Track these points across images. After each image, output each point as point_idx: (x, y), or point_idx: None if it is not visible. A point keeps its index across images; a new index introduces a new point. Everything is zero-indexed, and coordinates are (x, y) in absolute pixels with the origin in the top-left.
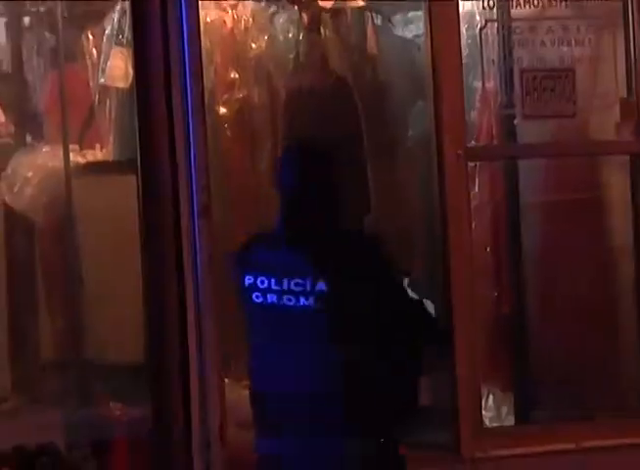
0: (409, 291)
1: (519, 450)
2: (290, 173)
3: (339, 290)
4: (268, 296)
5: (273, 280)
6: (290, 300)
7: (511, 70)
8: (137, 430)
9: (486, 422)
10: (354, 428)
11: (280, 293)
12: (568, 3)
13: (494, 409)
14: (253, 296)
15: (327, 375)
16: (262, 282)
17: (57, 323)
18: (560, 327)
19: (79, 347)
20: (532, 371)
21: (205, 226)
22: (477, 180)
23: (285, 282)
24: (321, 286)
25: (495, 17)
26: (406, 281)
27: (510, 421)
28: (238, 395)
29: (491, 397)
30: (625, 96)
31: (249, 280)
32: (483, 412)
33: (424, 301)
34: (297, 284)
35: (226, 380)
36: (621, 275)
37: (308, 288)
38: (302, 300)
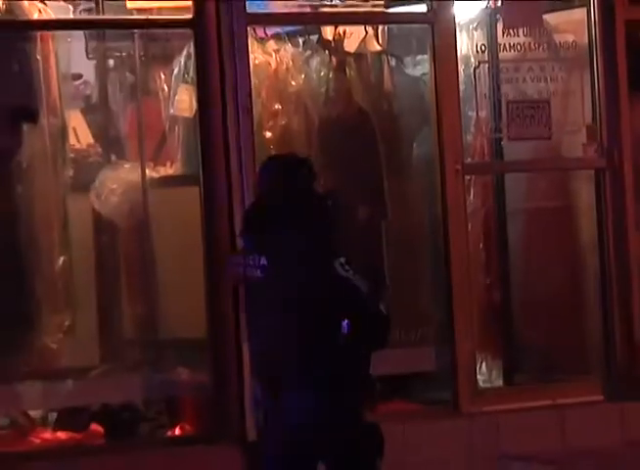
0: (340, 270)
1: (507, 406)
2: (263, 180)
3: (276, 265)
4: (247, 269)
5: (249, 257)
6: (252, 271)
7: (499, 102)
8: (200, 390)
9: (480, 383)
10: (309, 390)
11: (250, 267)
12: (544, 47)
13: (486, 373)
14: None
15: (280, 336)
16: (250, 260)
17: (135, 306)
18: (539, 308)
19: (154, 325)
20: (517, 342)
21: None
22: (471, 190)
23: (249, 259)
24: (263, 261)
25: (486, 59)
26: (339, 262)
27: (499, 383)
28: None
29: (484, 363)
30: (590, 122)
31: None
32: (478, 376)
33: (355, 278)
34: (252, 259)
35: None
36: (587, 267)
37: (257, 263)
38: (257, 271)
